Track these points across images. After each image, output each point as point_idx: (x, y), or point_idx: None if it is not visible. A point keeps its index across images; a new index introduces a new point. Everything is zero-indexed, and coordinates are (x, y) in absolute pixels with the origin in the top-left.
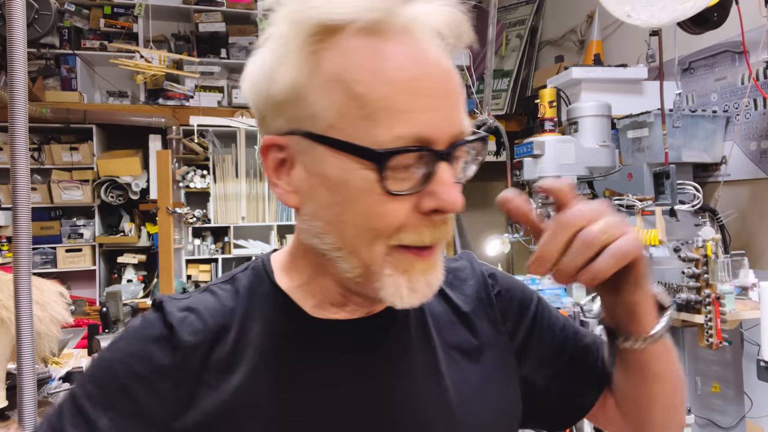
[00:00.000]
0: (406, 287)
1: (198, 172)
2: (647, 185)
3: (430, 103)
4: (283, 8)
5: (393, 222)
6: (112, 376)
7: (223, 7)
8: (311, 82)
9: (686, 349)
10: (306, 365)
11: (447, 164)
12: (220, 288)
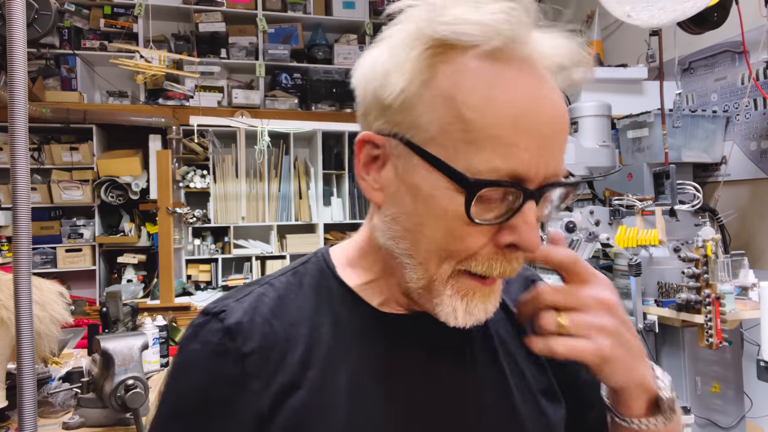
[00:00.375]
0: (463, 310)
1: (198, 172)
2: (647, 185)
3: (535, 141)
4: (410, 13)
5: (469, 248)
6: (188, 404)
7: (223, 7)
8: (422, 93)
9: (686, 349)
10: (378, 360)
11: (534, 203)
12: (280, 281)
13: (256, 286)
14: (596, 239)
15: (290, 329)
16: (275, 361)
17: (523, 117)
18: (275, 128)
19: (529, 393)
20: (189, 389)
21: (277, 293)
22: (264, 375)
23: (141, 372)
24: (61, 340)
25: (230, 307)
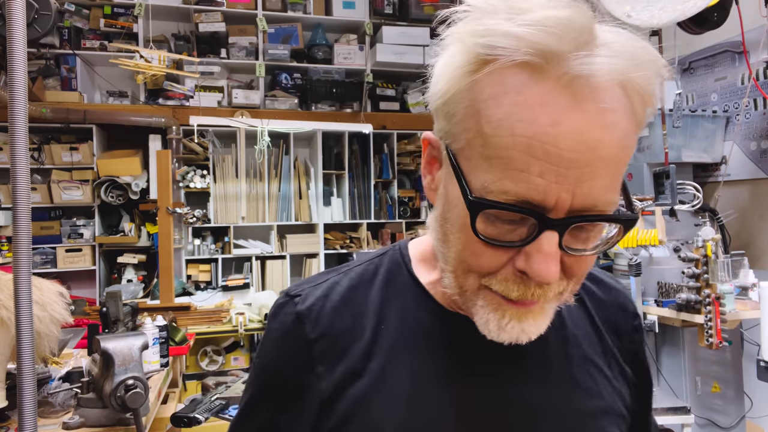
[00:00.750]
0: (495, 324)
1: (198, 172)
2: (647, 185)
3: (551, 170)
4: (456, 21)
5: (484, 267)
6: (268, 380)
7: (223, 7)
8: (460, 102)
9: (686, 349)
10: (440, 360)
11: (554, 233)
12: (356, 272)
13: (333, 274)
14: None
15: (358, 318)
16: (340, 349)
17: (536, 141)
18: (275, 128)
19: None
20: (268, 366)
21: (350, 283)
22: (328, 361)
23: (141, 372)
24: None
25: (306, 291)
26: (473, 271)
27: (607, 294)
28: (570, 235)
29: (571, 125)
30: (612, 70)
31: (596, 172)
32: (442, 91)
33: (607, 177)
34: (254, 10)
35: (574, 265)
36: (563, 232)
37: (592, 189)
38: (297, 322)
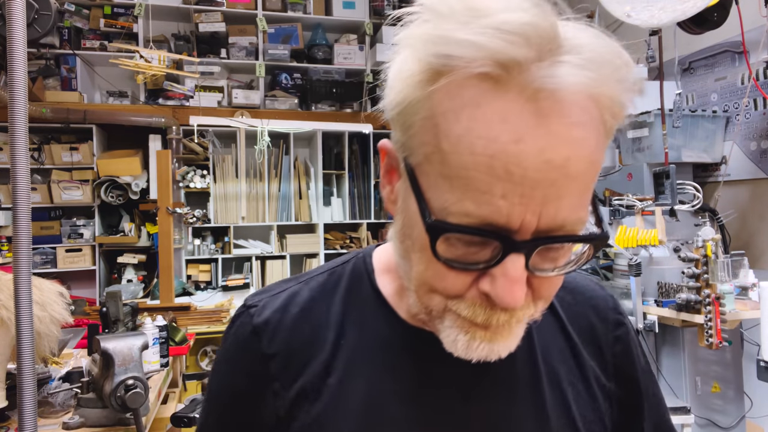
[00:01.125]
0: (464, 345)
1: (198, 172)
2: (647, 185)
3: (515, 191)
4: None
5: (450, 289)
6: (222, 394)
7: (223, 7)
8: (416, 113)
9: (686, 349)
10: (403, 374)
11: (520, 256)
12: (317, 282)
13: (293, 284)
14: None
15: (317, 332)
16: (297, 365)
17: (498, 161)
18: (275, 128)
19: (569, 427)
20: (223, 382)
21: (310, 294)
22: (285, 377)
23: (141, 372)
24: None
25: (263, 302)
26: (437, 293)
27: (583, 303)
28: (537, 255)
29: (535, 142)
30: (580, 82)
31: (563, 191)
32: (396, 101)
33: (575, 196)
34: (254, 10)
35: (543, 286)
36: (530, 254)
37: (560, 209)
38: (253, 336)
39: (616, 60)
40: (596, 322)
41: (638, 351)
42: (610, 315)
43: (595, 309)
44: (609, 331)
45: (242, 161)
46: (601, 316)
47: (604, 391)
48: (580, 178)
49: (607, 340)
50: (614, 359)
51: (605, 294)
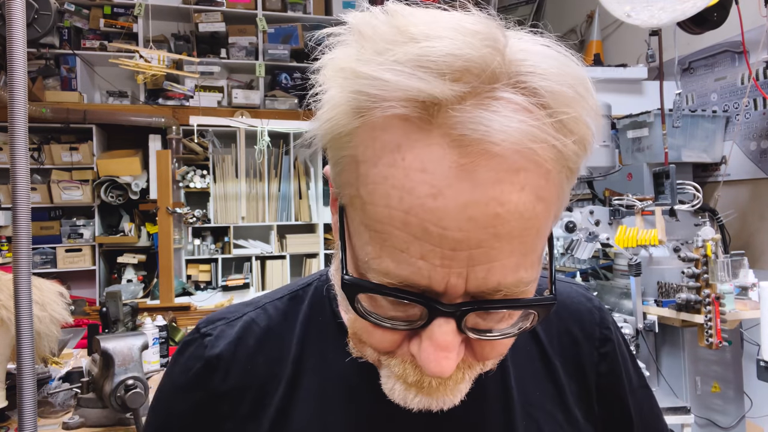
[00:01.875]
0: (401, 395)
1: (198, 172)
2: (647, 185)
3: (434, 252)
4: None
5: (379, 346)
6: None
7: (223, 7)
8: (342, 148)
9: (686, 349)
10: (362, 412)
11: (450, 321)
12: (275, 308)
13: (251, 309)
14: (596, 239)
15: (274, 366)
16: (252, 403)
17: (415, 216)
18: (275, 128)
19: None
20: (168, 416)
21: (268, 323)
22: (237, 416)
23: (141, 372)
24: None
25: (218, 330)
26: (368, 347)
27: (566, 318)
28: (475, 316)
29: (457, 198)
30: (516, 129)
31: (493, 253)
32: (327, 129)
33: (511, 256)
34: (254, 10)
35: (485, 349)
36: (460, 319)
37: (491, 272)
38: (205, 371)
39: (573, 90)
40: (580, 339)
41: (628, 367)
42: (596, 331)
43: (579, 324)
44: (594, 349)
45: (242, 161)
46: (587, 332)
47: (589, 415)
48: (517, 236)
49: (592, 360)
50: (599, 379)
51: (592, 306)
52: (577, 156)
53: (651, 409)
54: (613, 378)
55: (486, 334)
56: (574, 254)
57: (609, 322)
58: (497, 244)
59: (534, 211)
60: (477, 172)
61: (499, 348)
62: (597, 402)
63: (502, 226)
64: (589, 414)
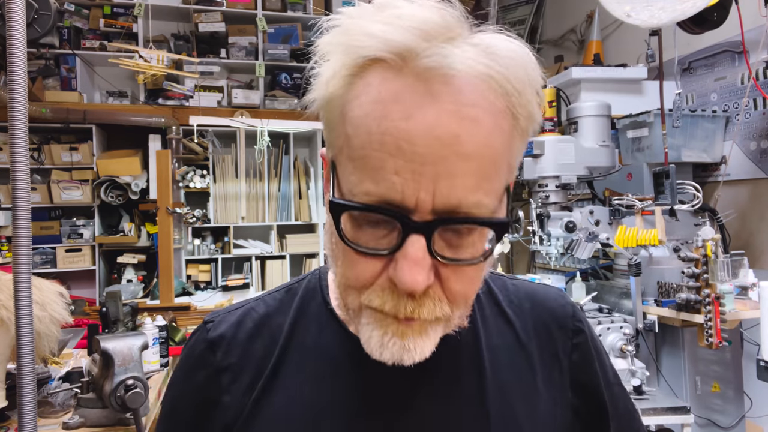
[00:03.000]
0: (378, 341)
1: (198, 172)
2: (647, 185)
3: (405, 167)
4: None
5: (360, 277)
6: (175, 407)
7: (223, 7)
8: (335, 109)
9: (686, 349)
10: (346, 388)
11: (420, 237)
12: (273, 298)
13: (250, 301)
14: (596, 239)
15: (269, 347)
16: (248, 379)
17: (389, 137)
18: (275, 128)
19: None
20: (176, 394)
21: (266, 310)
22: (235, 391)
23: (141, 372)
24: (61, 340)
25: (219, 318)
26: (352, 287)
27: (541, 310)
28: (442, 240)
29: (424, 119)
30: (475, 65)
31: (454, 169)
32: (321, 98)
33: (469, 176)
34: (254, 10)
35: (452, 278)
36: (429, 235)
37: (453, 188)
38: (208, 350)
39: (523, 59)
40: (553, 330)
41: (602, 361)
42: (569, 322)
43: (552, 316)
44: (567, 338)
45: (242, 161)
46: (559, 323)
47: (563, 402)
48: (474, 158)
49: (565, 348)
50: (572, 367)
51: (565, 302)
52: (525, 117)
53: (626, 407)
54: (585, 367)
55: (452, 262)
56: (574, 254)
57: (582, 317)
58: (458, 162)
59: (488, 140)
60: (442, 98)
61: (462, 283)
62: (570, 389)
63: (461, 146)
64: (562, 400)
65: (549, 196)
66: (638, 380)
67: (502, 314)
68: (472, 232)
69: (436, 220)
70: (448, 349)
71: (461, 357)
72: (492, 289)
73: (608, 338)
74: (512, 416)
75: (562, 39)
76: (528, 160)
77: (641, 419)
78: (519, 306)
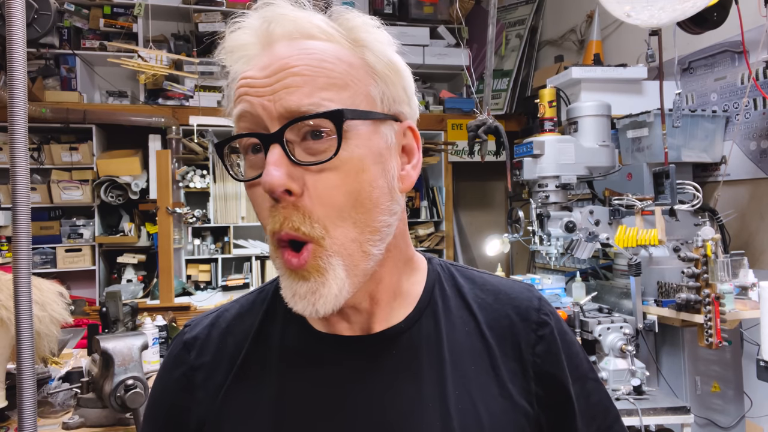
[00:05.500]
0: (289, 289)
1: (198, 172)
2: (647, 185)
3: (251, 91)
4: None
5: (260, 212)
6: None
7: (223, 6)
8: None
9: (686, 349)
10: (307, 384)
11: (276, 146)
12: (247, 300)
13: (227, 305)
14: (596, 239)
15: (240, 343)
16: (221, 375)
17: (243, 78)
18: None
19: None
20: (155, 394)
21: (238, 310)
22: (209, 386)
23: (141, 372)
24: (60, 340)
25: (196, 321)
26: (264, 228)
27: (504, 303)
28: (301, 149)
29: (260, 61)
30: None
31: (289, 83)
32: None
33: (304, 85)
34: None
35: (315, 184)
36: (282, 141)
37: (290, 94)
38: (183, 350)
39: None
40: (517, 322)
41: (572, 353)
42: (532, 315)
43: (516, 309)
44: (531, 331)
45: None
46: (523, 316)
47: (526, 393)
48: (308, 77)
49: (528, 340)
50: (535, 358)
51: (531, 295)
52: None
53: (600, 401)
54: (550, 359)
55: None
56: (574, 254)
57: (549, 310)
58: (292, 78)
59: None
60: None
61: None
62: (534, 381)
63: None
64: (524, 391)
65: (549, 196)
66: (638, 380)
67: (467, 307)
68: (327, 138)
69: (282, 127)
70: (409, 340)
71: (422, 347)
72: (458, 282)
73: (608, 338)
74: (472, 407)
75: (562, 39)
76: (528, 160)
77: (619, 416)
78: (484, 299)
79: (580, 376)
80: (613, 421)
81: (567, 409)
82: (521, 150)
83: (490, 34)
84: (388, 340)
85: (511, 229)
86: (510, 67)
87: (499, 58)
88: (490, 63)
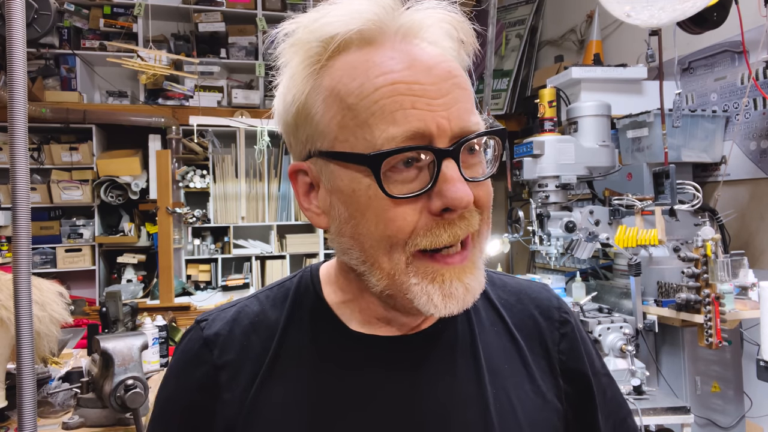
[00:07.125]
0: (439, 294)
1: (198, 172)
2: (647, 185)
3: (422, 101)
4: (287, 38)
5: (404, 226)
6: (170, 408)
7: (223, 7)
8: (314, 100)
9: (686, 349)
10: (344, 383)
11: (452, 161)
12: (266, 296)
13: (244, 299)
14: (596, 239)
15: (265, 343)
16: (247, 375)
17: (400, 83)
18: (275, 128)
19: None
20: (168, 394)
21: (260, 307)
22: (235, 387)
23: (140, 372)
24: (60, 340)
25: (214, 316)
26: (397, 243)
27: (527, 303)
28: (463, 163)
29: (422, 60)
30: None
31: (457, 97)
32: (295, 102)
33: (466, 101)
34: (254, 10)
35: (479, 194)
36: (457, 157)
37: (461, 112)
38: (204, 348)
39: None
40: (541, 321)
41: (589, 350)
42: (554, 314)
43: (539, 308)
44: (555, 329)
45: (242, 161)
46: (546, 315)
47: (555, 389)
48: (465, 89)
49: (553, 338)
50: (560, 356)
51: (550, 295)
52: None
53: (614, 397)
54: (574, 356)
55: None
56: (574, 254)
57: (567, 309)
58: (457, 91)
59: (462, 71)
60: (427, 47)
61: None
62: (561, 377)
63: (455, 79)
64: (554, 387)
65: (549, 196)
66: (638, 380)
67: (493, 308)
68: (478, 151)
69: (459, 141)
70: (447, 340)
71: (458, 346)
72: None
73: (608, 338)
74: (509, 405)
75: (562, 39)
76: (528, 160)
77: (630, 411)
78: (507, 300)
79: (596, 372)
80: (626, 415)
81: (590, 404)
82: (521, 150)
83: (490, 34)
84: (427, 340)
85: (511, 229)
86: (510, 67)
87: (499, 58)
88: (490, 63)
